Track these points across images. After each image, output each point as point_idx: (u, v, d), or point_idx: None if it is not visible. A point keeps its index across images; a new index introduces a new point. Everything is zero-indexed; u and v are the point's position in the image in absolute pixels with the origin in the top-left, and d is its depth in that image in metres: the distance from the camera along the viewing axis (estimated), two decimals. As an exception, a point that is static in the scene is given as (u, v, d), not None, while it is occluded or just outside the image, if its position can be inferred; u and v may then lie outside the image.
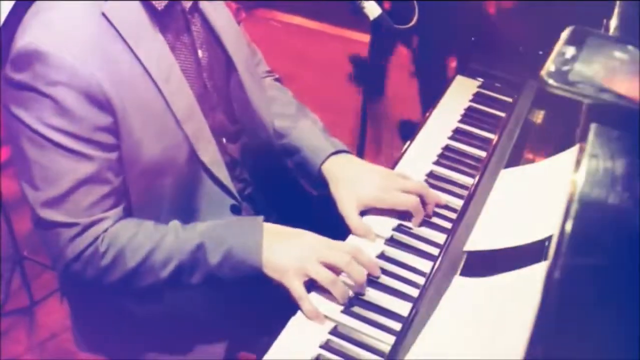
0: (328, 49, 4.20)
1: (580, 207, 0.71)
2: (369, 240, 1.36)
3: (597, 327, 0.69)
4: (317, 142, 1.51)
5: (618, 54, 0.83)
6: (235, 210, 1.41)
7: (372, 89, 3.26)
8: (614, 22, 1.02)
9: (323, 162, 1.47)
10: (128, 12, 1.24)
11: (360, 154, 2.69)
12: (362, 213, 1.40)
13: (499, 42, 1.95)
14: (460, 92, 1.85)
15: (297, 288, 1.21)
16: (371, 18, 1.41)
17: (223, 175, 1.37)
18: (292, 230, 1.30)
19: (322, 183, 1.47)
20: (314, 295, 1.22)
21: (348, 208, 1.38)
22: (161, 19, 1.28)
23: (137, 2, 1.25)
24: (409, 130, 2.82)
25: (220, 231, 1.27)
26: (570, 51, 0.81)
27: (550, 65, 0.80)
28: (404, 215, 1.40)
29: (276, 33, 4.37)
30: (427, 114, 1.77)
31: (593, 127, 0.74)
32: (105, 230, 1.26)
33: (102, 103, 1.19)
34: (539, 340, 0.70)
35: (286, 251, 1.24)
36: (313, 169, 1.48)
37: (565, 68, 0.78)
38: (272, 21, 4.48)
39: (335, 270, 1.22)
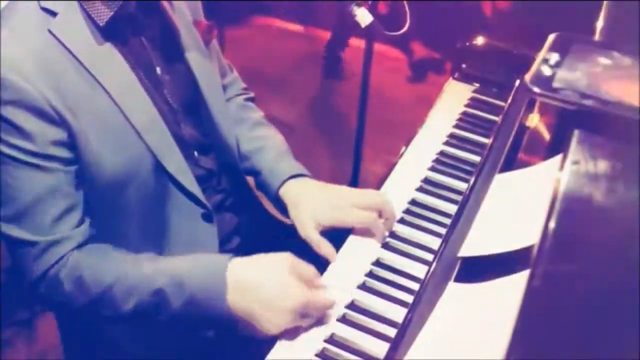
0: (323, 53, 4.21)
1: (560, 214, 0.71)
2: (366, 246, 1.37)
3: (574, 331, 0.69)
4: (275, 165, 1.52)
5: (602, 59, 0.83)
6: (207, 218, 1.40)
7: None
8: (599, 24, 1.03)
9: (280, 186, 1.48)
10: (75, 28, 1.24)
11: (357, 158, 2.70)
12: (348, 232, 1.41)
13: (493, 45, 1.94)
14: (455, 97, 1.85)
15: (271, 331, 1.19)
16: (362, 26, 1.42)
17: (191, 184, 1.37)
18: (260, 269, 1.24)
19: (281, 206, 1.49)
20: (282, 344, 1.20)
21: (307, 230, 1.39)
22: (111, 35, 1.28)
23: (82, 18, 1.24)
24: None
25: (183, 274, 1.24)
26: (554, 57, 0.82)
27: (534, 72, 0.80)
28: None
29: (272, 39, 4.38)
30: (422, 120, 1.77)
31: (576, 133, 0.75)
32: (70, 252, 1.26)
33: (53, 118, 1.19)
34: (517, 346, 0.70)
35: (252, 297, 1.20)
36: (271, 191, 1.50)
37: (549, 74, 0.79)
38: (266, 28, 4.49)
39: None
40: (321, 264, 1.34)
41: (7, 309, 2.33)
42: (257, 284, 1.21)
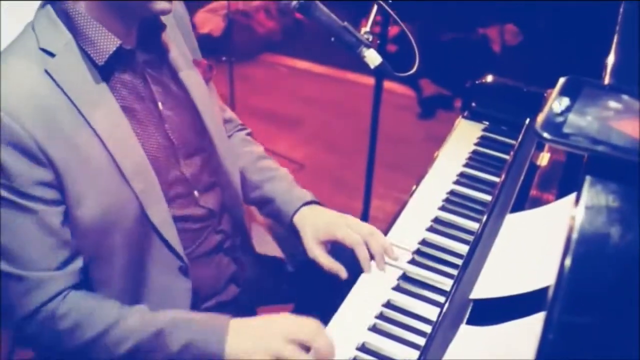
0: (334, 91, 4.24)
1: (575, 255, 0.70)
2: (376, 287, 1.36)
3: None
4: (288, 194, 1.56)
5: (613, 103, 0.83)
6: (184, 272, 1.40)
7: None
8: (610, 59, 1.03)
9: (295, 212, 1.52)
10: (72, 68, 1.24)
11: (367, 194, 2.69)
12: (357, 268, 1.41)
13: (502, 83, 1.95)
14: (465, 136, 1.85)
15: None
16: (372, 67, 1.42)
17: (172, 236, 1.36)
18: (260, 322, 1.26)
19: (295, 232, 1.53)
20: None
21: (313, 251, 1.44)
22: (109, 73, 1.29)
23: (81, 57, 1.25)
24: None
25: (185, 321, 1.26)
26: (565, 102, 0.81)
27: (544, 117, 0.80)
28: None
29: (282, 77, 4.41)
30: (433, 157, 1.77)
31: (588, 179, 0.74)
32: (60, 293, 1.25)
33: (40, 160, 1.20)
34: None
35: (251, 342, 1.21)
36: (285, 219, 1.54)
37: (560, 119, 0.78)
38: (277, 66, 4.52)
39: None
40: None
41: (12, 351, 2.32)
42: (258, 332, 1.22)
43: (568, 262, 0.72)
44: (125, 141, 1.29)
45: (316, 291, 1.51)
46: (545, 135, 0.79)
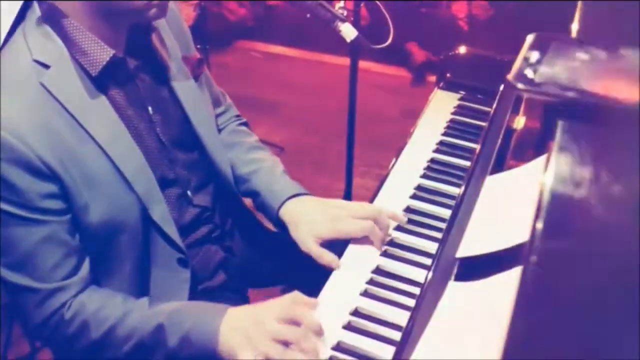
0: (309, 74, 4.27)
1: (550, 202, 0.75)
2: (365, 255, 1.39)
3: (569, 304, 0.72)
4: (274, 187, 1.54)
5: (580, 55, 0.87)
6: (183, 263, 1.42)
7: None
8: (575, 26, 1.07)
9: (280, 206, 1.50)
10: (66, 80, 1.25)
11: (349, 173, 2.73)
12: (346, 243, 1.44)
13: (475, 53, 1.99)
14: (442, 106, 1.89)
15: None
16: (348, 40, 1.46)
17: (172, 231, 1.39)
18: (250, 311, 1.27)
19: (282, 225, 1.51)
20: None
21: (308, 244, 1.41)
22: (103, 82, 1.30)
23: (74, 69, 1.26)
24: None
25: (183, 314, 1.28)
26: (535, 56, 0.86)
27: (516, 70, 0.84)
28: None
29: (257, 63, 4.43)
30: (411, 130, 1.81)
31: (560, 123, 0.78)
32: (72, 297, 1.28)
33: (44, 174, 1.22)
34: (518, 320, 0.73)
35: (239, 335, 1.22)
36: (272, 212, 1.52)
37: (531, 71, 0.83)
38: (252, 52, 4.53)
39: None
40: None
41: (8, 344, 2.34)
42: (249, 323, 1.23)
43: (544, 207, 0.76)
44: (126, 148, 1.31)
45: (305, 270, 1.48)
46: (519, 85, 0.83)
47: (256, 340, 1.20)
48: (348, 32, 1.44)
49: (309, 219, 1.44)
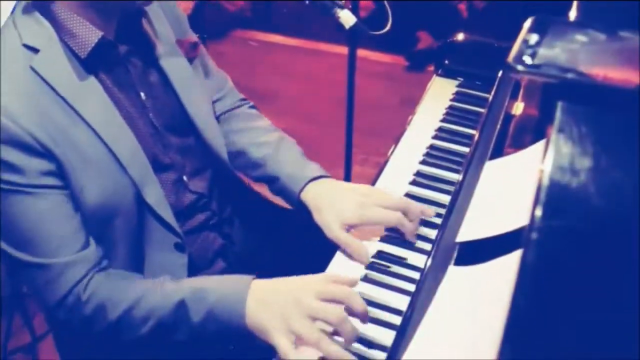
0: (307, 63, 4.26)
1: (549, 185, 0.75)
2: (366, 240, 1.39)
3: (571, 284, 0.73)
4: (294, 170, 1.51)
5: (579, 37, 0.87)
6: (180, 248, 1.42)
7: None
8: (572, 13, 1.07)
9: (301, 190, 1.47)
10: (56, 64, 1.26)
11: (348, 162, 2.73)
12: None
13: (473, 40, 1.99)
14: (440, 93, 1.89)
15: (282, 346, 1.15)
16: (347, 27, 1.46)
17: (167, 215, 1.38)
18: (281, 285, 1.24)
19: (304, 210, 1.47)
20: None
21: (334, 231, 1.38)
22: (93, 65, 1.30)
23: (63, 52, 1.26)
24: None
25: (205, 289, 1.25)
26: (534, 38, 0.86)
27: (515, 53, 0.85)
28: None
29: (255, 52, 4.42)
30: (410, 117, 1.81)
31: (559, 105, 0.79)
32: (85, 276, 1.27)
33: (38, 151, 1.22)
34: (519, 301, 0.74)
35: (270, 310, 1.19)
36: (292, 197, 1.49)
37: (530, 53, 0.83)
38: (250, 41, 4.53)
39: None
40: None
41: (9, 334, 2.35)
42: (279, 298, 1.19)
43: (543, 191, 0.77)
44: (118, 131, 1.31)
45: (307, 259, 1.43)
46: (519, 67, 0.83)
47: (289, 316, 1.16)
48: (347, 18, 1.44)
49: (334, 203, 1.40)
